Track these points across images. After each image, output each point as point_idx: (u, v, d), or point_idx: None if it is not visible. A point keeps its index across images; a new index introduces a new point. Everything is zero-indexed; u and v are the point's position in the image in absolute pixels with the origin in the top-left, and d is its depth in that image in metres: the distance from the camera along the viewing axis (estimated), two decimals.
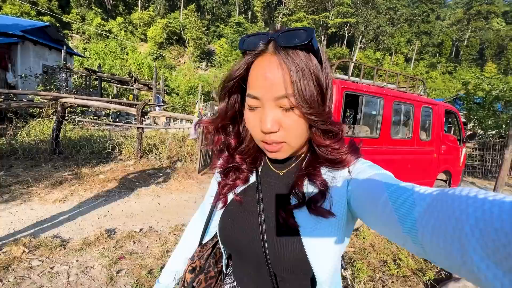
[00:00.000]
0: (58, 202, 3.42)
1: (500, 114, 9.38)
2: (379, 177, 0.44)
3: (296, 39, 0.45)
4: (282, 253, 0.51)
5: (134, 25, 40.14)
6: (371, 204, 0.42)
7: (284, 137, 0.49)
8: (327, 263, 0.50)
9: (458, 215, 0.25)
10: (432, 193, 0.32)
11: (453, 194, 0.28)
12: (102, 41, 31.78)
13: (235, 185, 0.60)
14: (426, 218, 0.31)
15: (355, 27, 44.05)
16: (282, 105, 0.47)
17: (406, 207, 0.34)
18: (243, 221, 0.58)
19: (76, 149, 5.45)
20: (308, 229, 0.50)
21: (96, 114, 9.26)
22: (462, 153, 4.76)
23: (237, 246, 0.58)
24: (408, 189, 0.37)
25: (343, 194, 0.50)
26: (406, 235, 0.33)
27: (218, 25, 45.62)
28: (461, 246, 0.24)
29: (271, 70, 0.46)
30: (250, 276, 0.59)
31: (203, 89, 24.27)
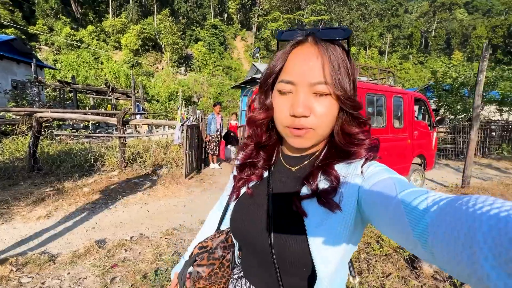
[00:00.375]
0: (42, 218, 3.34)
1: (467, 99, 10.03)
2: (392, 180, 0.44)
3: (335, 35, 0.50)
4: (287, 245, 0.52)
5: (107, 33, 38.90)
6: (382, 206, 0.41)
7: (313, 124, 0.51)
8: (330, 260, 0.49)
9: (471, 223, 0.25)
10: (446, 199, 0.32)
11: (468, 201, 0.28)
12: (74, 51, 30.56)
13: (249, 179, 0.63)
14: (438, 224, 0.30)
15: (329, 24, 45.15)
16: (317, 91, 0.49)
17: (419, 212, 0.34)
18: (253, 213, 0.59)
19: (56, 164, 5.29)
20: (314, 221, 0.50)
21: (74, 127, 8.97)
22: (434, 137, 5.09)
23: (246, 237, 0.60)
24: (422, 194, 0.36)
25: (353, 194, 0.49)
26: (417, 239, 0.33)
27: (194, 28, 45.16)
28: (472, 253, 0.24)
29: (310, 58, 0.50)
30: (255, 267, 0.61)
31: (184, 94, 24.02)
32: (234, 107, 27.87)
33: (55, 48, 31.51)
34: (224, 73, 37.99)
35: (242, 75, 37.87)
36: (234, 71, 39.43)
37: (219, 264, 0.68)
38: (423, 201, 0.35)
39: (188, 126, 5.22)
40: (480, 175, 6.72)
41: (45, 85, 10.45)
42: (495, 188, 5.37)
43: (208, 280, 0.68)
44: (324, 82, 0.49)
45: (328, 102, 0.50)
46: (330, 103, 0.51)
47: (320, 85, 0.49)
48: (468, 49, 51.20)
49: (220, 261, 0.68)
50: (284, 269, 0.54)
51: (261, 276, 0.59)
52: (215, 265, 0.68)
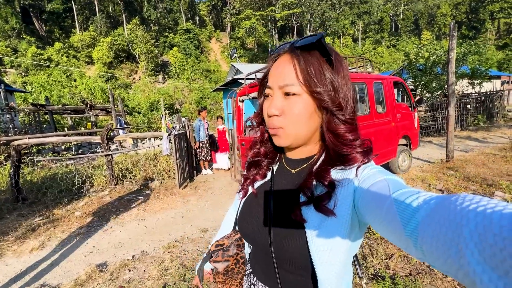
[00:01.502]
0: (35, 250, 3.21)
1: (440, 77, 10.45)
2: (386, 181, 0.45)
3: (307, 41, 0.54)
4: (285, 245, 0.55)
5: (76, 49, 37.51)
6: (376, 207, 0.43)
7: (281, 122, 0.55)
8: (329, 262, 0.51)
9: (459, 220, 0.26)
10: (436, 198, 0.33)
11: (456, 199, 0.29)
12: (43, 71, 29.29)
13: (254, 179, 0.68)
14: (427, 222, 0.31)
15: (302, 16, 45.62)
16: (286, 92, 0.54)
17: (410, 211, 0.35)
18: (256, 213, 0.64)
19: (41, 191, 5.07)
20: (313, 226, 0.52)
21: (55, 150, 8.61)
22: (415, 117, 5.29)
23: (250, 235, 0.65)
24: (413, 194, 0.38)
25: (348, 196, 0.51)
26: (408, 238, 0.34)
27: (167, 35, 44.33)
28: (459, 249, 0.25)
29: (282, 64, 0.56)
30: (260, 264, 0.66)
31: (165, 102, 23.59)
32: (218, 109, 27.69)
33: (22, 70, 30.09)
34: (204, 76, 37.60)
35: (222, 76, 37.65)
36: (213, 73, 39.10)
37: (234, 261, 0.74)
38: (414, 200, 0.36)
39: (176, 135, 5.15)
40: (462, 148, 7.05)
41: (18, 110, 9.95)
42: (477, 158, 5.66)
43: (225, 275, 0.75)
44: (292, 84, 0.53)
45: (297, 101, 0.54)
46: (301, 103, 0.54)
47: (288, 87, 0.54)
48: (435, 28, 53.31)
49: (234, 258, 0.74)
50: (283, 268, 0.57)
51: (265, 272, 0.64)
52: (230, 262, 0.74)
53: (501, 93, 11.58)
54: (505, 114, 12.17)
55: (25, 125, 10.83)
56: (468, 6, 53.12)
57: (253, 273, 0.69)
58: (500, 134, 8.82)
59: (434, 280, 2.16)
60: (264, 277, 0.65)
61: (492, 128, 10.05)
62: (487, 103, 11.00)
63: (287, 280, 0.58)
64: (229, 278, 0.75)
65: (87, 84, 25.92)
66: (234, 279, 0.75)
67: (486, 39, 49.52)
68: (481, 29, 52.73)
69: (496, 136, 8.46)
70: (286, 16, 44.46)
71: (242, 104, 4.53)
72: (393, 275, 2.22)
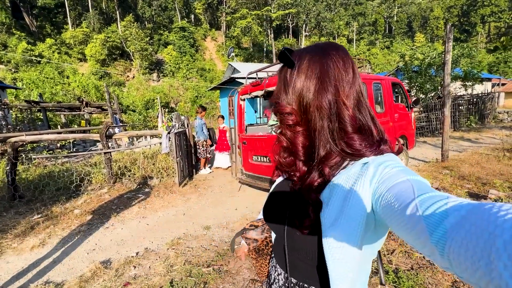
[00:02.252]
0: (36, 248, 3.17)
1: (434, 78, 10.67)
2: (410, 182, 0.42)
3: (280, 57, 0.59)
4: (295, 238, 0.59)
5: (68, 45, 36.79)
6: (398, 210, 0.40)
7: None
8: (343, 259, 0.50)
9: (492, 230, 0.25)
10: (468, 205, 0.31)
11: (491, 208, 0.27)
12: (34, 67, 28.65)
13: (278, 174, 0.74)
14: (457, 230, 0.29)
15: (297, 17, 45.76)
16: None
17: (437, 217, 0.33)
18: (278, 204, 0.69)
19: (38, 189, 5.00)
20: (327, 222, 0.52)
21: (50, 148, 8.47)
22: (412, 118, 5.41)
23: (272, 224, 0.70)
24: (441, 199, 0.35)
25: (365, 196, 0.49)
26: (434, 246, 0.32)
27: (161, 32, 43.91)
28: (490, 261, 0.24)
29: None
30: (278, 249, 0.71)
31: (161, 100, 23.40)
32: (213, 108, 27.59)
33: (12, 66, 29.35)
34: (199, 75, 37.39)
35: (217, 75, 37.50)
36: (209, 72, 38.92)
37: (264, 243, 0.85)
38: (442, 206, 0.34)
39: (176, 133, 5.14)
40: (456, 148, 7.22)
41: (11, 107, 9.73)
42: (471, 158, 5.82)
43: (257, 253, 0.87)
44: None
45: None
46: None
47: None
48: (428, 31, 54.20)
49: (264, 240, 0.85)
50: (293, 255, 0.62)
51: (280, 257, 0.69)
52: (259, 242, 0.84)
53: (492, 95, 11.89)
54: (495, 115, 12.51)
55: (18, 122, 10.61)
56: (460, 10, 54.17)
57: (275, 256, 0.74)
58: (491, 135, 9.06)
59: (435, 274, 2.23)
60: (280, 262, 0.70)
61: (484, 129, 10.32)
62: (479, 104, 11.28)
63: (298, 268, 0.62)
64: (260, 256, 0.86)
65: (81, 82, 25.51)
66: (264, 259, 0.86)
67: (477, 42, 50.61)
68: (473, 32, 53.88)
69: (488, 137, 8.69)
70: (281, 16, 44.52)
71: (243, 102, 4.56)
72: (396, 270, 2.29)
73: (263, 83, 3.82)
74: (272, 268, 0.76)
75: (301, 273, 0.62)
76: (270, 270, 0.79)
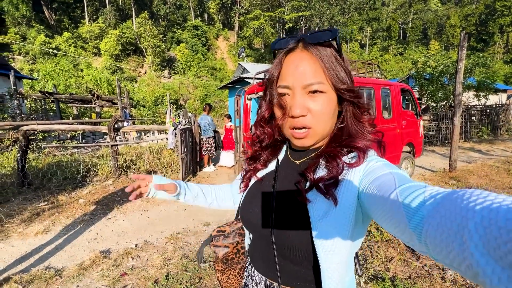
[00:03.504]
0: (40, 234, 3.26)
1: (447, 87, 10.45)
2: (392, 175, 0.45)
3: (323, 36, 0.54)
4: (286, 231, 0.56)
5: (84, 39, 37.69)
6: (380, 200, 0.43)
7: (311, 122, 0.55)
8: (334, 251, 0.51)
9: (465, 213, 0.26)
10: (443, 192, 0.33)
11: (463, 194, 0.29)
12: (50, 59, 29.45)
13: (256, 169, 0.70)
14: (433, 216, 0.31)
15: (311, 19, 45.62)
16: (314, 89, 0.53)
17: (416, 204, 0.35)
18: (258, 200, 0.65)
19: (46, 177, 5.13)
20: (318, 213, 0.52)
21: (60, 138, 8.69)
22: (420, 125, 5.31)
23: (251, 224, 0.65)
24: (420, 188, 0.38)
25: (354, 187, 0.51)
26: (412, 231, 0.34)
27: (175, 30, 44.47)
28: (463, 242, 0.25)
29: (301, 62, 0.54)
30: (260, 253, 0.66)
31: (170, 97, 23.68)
32: (222, 107, 27.75)
33: (30, 58, 30.26)
34: (209, 74, 37.69)
35: (227, 75, 37.71)
36: (219, 71, 39.19)
37: (234, 250, 0.76)
38: (420, 194, 0.36)
39: (182, 129, 5.20)
40: (465, 159, 7.05)
41: (26, 96, 10.04)
42: (480, 169, 5.67)
43: (225, 264, 0.76)
44: (317, 82, 0.53)
45: (323, 99, 0.54)
46: (326, 100, 0.55)
47: (313, 85, 0.53)
48: (444, 39, 53.13)
49: (234, 246, 0.76)
50: (283, 255, 0.57)
51: (264, 261, 0.63)
52: (229, 249, 0.75)
53: (507, 107, 11.56)
54: (509, 128, 12.15)
55: (32, 112, 10.94)
56: (478, 18, 52.90)
57: (252, 263, 0.68)
58: (504, 147, 8.81)
59: (432, 284, 2.19)
60: (263, 266, 0.64)
61: (496, 141, 10.04)
62: (492, 115, 10.98)
63: (287, 270, 0.58)
64: (228, 267, 0.76)
65: (94, 75, 26.07)
66: (233, 269, 0.76)
67: (494, 52, 49.33)
68: (490, 42, 52.51)
69: (500, 149, 8.45)
70: (295, 18, 44.47)
71: (249, 102, 4.57)
72: (393, 277, 2.25)
73: None
74: (248, 278, 0.69)
75: (290, 275, 0.58)
76: (245, 281, 0.71)
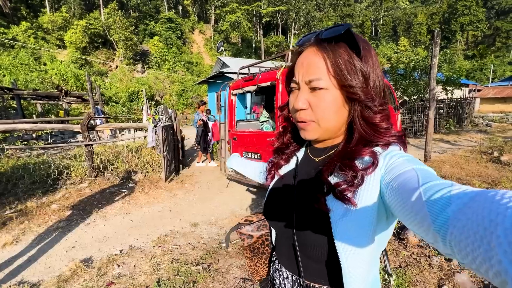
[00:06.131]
0: (9, 245, 2.95)
1: (418, 82, 11.03)
2: (416, 171, 0.43)
3: (333, 32, 0.52)
4: (307, 232, 0.56)
5: (46, 30, 34.74)
6: (403, 198, 0.41)
7: (311, 116, 0.56)
8: (355, 251, 0.50)
9: (493, 217, 0.25)
10: (471, 193, 0.31)
11: (494, 196, 0.27)
12: (7, 52, 26.81)
13: (279, 163, 0.71)
14: (458, 218, 0.30)
15: (287, 14, 45.78)
16: (313, 86, 0.54)
17: (440, 204, 0.33)
18: (280, 199, 0.66)
19: (11, 182, 4.66)
20: (338, 213, 0.51)
21: (24, 139, 7.93)
22: (398, 119, 5.54)
23: (275, 222, 0.66)
24: (445, 187, 0.35)
25: (375, 185, 0.50)
26: (436, 233, 0.32)
27: (147, 23, 42.44)
28: (491, 248, 0.24)
29: (308, 58, 0.55)
30: (284, 249, 0.67)
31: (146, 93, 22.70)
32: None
33: None
34: (185, 68, 36.60)
35: (205, 69, 36.89)
36: (196, 66, 38.19)
37: (260, 241, 0.80)
38: (446, 193, 0.34)
39: (163, 127, 4.96)
40: (437, 149, 7.52)
41: None
42: (452, 159, 6.07)
43: (252, 252, 0.82)
44: (316, 79, 0.53)
45: (323, 95, 0.53)
46: (326, 96, 0.53)
47: (314, 82, 0.53)
48: (412, 36, 56.02)
49: (260, 238, 0.80)
50: (305, 254, 0.58)
51: (288, 257, 0.65)
52: (254, 238, 0.80)
53: (470, 100, 12.49)
54: (472, 119, 13.16)
55: None
56: (442, 17, 56.38)
57: (278, 258, 0.70)
58: (469, 138, 9.52)
59: (422, 272, 2.28)
60: (287, 263, 0.65)
61: (462, 132, 10.83)
62: (458, 109, 11.81)
63: (309, 268, 0.59)
64: (255, 255, 0.82)
65: (59, 69, 24.18)
66: (259, 258, 0.82)
67: (456, 49, 53.00)
68: (452, 39, 56.33)
69: (466, 140, 9.13)
70: (271, 12, 44.38)
71: (234, 97, 4.46)
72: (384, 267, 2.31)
73: (256, 78, 3.74)
74: (276, 273, 0.71)
75: (313, 273, 0.59)
76: (273, 275, 0.73)
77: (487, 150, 6.60)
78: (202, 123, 6.09)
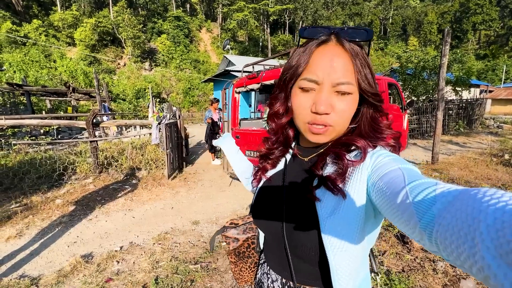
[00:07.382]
0: (12, 239, 2.99)
1: (427, 82, 10.80)
2: (401, 171, 0.43)
3: (359, 36, 0.52)
4: (297, 232, 0.55)
5: (56, 28, 35.39)
6: (390, 196, 0.41)
7: (333, 121, 0.53)
8: (342, 249, 0.50)
9: (477, 215, 0.25)
10: (455, 191, 0.32)
11: (476, 194, 0.28)
12: (19, 49, 27.38)
13: (265, 167, 0.69)
14: (443, 216, 0.30)
15: (295, 13, 45.52)
16: (340, 90, 0.51)
17: (426, 203, 0.34)
18: (269, 200, 0.65)
19: (18, 176, 4.74)
20: (326, 210, 0.51)
21: (32, 134, 8.07)
22: (405, 119, 5.43)
23: (264, 224, 0.65)
24: (431, 185, 0.36)
25: (361, 183, 0.50)
26: (423, 231, 0.33)
27: (155, 21, 42.75)
28: (474, 244, 0.25)
29: (334, 58, 0.51)
30: (273, 253, 0.66)
31: (152, 90, 22.88)
32: (206, 101, 27.22)
33: None
34: (192, 66, 36.78)
35: (211, 68, 36.98)
36: (202, 64, 38.34)
37: (246, 244, 0.77)
38: (431, 192, 0.34)
39: (167, 124, 4.97)
40: (445, 151, 7.34)
41: None
42: (460, 161, 5.91)
43: (237, 257, 0.79)
44: (347, 82, 0.51)
45: (349, 100, 0.53)
46: (352, 101, 0.53)
47: (343, 85, 0.51)
48: (422, 35, 55.00)
49: (246, 241, 0.77)
50: (296, 255, 0.57)
51: (278, 261, 0.63)
52: (239, 242, 0.76)
53: (481, 101, 12.17)
54: (483, 121, 12.83)
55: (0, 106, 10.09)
56: (453, 16, 55.16)
57: (267, 261, 0.69)
58: (479, 139, 9.27)
59: (425, 277, 2.22)
60: (277, 266, 0.64)
61: (472, 134, 10.56)
62: (468, 110, 11.52)
63: (300, 269, 0.58)
64: (240, 260, 0.80)
65: (68, 66, 24.54)
66: (244, 262, 0.80)
67: (467, 48, 51.82)
68: (464, 38, 55.07)
69: (476, 142, 8.89)
70: (279, 11, 44.17)
71: (238, 95, 4.43)
72: (388, 271, 2.26)
73: (260, 76, 3.70)
74: (264, 276, 0.69)
75: (304, 275, 0.58)
76: (261, 278, 0.71)
77: (498, 153, 6.41)
78: (211, 121, 6.07)
